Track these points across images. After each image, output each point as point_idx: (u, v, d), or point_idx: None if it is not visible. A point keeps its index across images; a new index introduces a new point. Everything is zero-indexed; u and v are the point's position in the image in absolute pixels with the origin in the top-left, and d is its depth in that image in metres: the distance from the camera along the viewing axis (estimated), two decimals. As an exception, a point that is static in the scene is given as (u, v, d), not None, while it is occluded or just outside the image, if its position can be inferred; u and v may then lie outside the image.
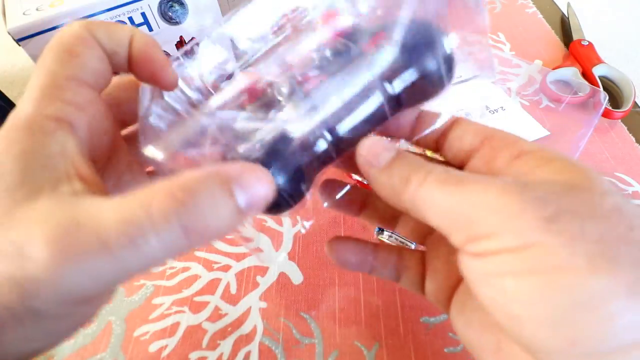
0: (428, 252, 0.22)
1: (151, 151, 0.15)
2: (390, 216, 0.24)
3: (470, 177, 0.15)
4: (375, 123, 0.18)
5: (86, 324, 0.17)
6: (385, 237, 0.33)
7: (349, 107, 0.17)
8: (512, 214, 0.13)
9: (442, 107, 0.20)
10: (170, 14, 0.36)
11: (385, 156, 0.17)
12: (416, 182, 0.16)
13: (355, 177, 0.35)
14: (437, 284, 0.21)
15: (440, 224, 0.15)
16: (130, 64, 0.17)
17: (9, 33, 0.31)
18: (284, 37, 0.20)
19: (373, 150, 0.17)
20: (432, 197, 0.15)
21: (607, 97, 0.42)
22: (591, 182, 0.14)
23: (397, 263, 0.22)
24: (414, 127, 0.20)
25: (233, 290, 0.32)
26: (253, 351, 0.29)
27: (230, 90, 0.17)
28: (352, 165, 0.18)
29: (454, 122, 0.19)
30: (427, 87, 0.18)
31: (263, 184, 0.14)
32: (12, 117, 0.14)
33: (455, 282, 0.20)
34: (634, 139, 0.41)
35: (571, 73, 0.46)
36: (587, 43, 0.49)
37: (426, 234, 0.23)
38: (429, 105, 0.20)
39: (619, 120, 0.42)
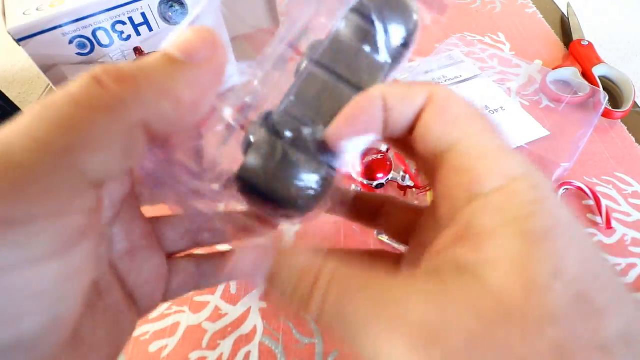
0: (405, 258, 0.20)
1: None
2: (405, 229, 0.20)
3: (373, 309, 0.12)
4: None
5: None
6: (385, 237, 0.33)
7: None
8: None
9: None
10: (170, 14, 0.36)
11: (260, 277, 0.14)
12: (312, 315, 0.13)
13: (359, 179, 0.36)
14: None
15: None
16: None
17: (9, 33, 0.31)
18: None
19: (245, 273, 0.15)
20: (337, 331, 0.13)
21: (607, 97, 0.42)
22: (531, 299, 0.11)
23: None
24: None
25: (233, 290, 0.32)
26: (253, 351, 0.29)
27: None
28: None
29: (428, 102, 0.14)
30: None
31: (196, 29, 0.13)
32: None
33: None
34: (634, 139, 0.41)
35: (571, 73, 0.46)
36: (587, 43, 0.49)
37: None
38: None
39: (619, 120, 0.42)
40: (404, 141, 0.15)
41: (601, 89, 0.43)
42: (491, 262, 0.11)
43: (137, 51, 0.37)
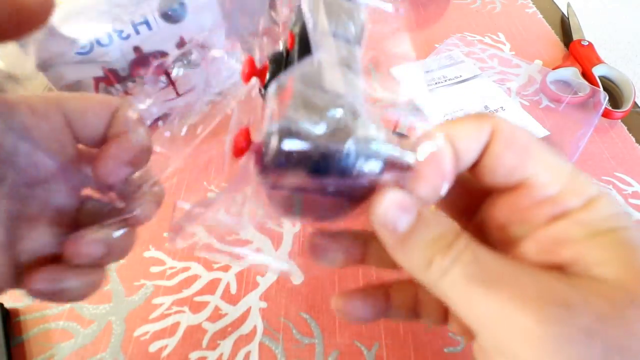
0: None
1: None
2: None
3: (505, 276, 0.13)
4: None
5: None
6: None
7: None
8: (553, 351, 0.11)
9: (442, 106, 0.19)
10: (170, 13, 0.36)
11: (404, 221, 0.14)
12: (439, 268, 0.13)
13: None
14: (461, 322, 0.18)
15: (466, 320, 0.13)
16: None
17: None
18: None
19: (390, 212, 0.14)
20: (456, 292, 0.13)
21: (607, 97, 0.42)
22: None
23: (413, 303, 0.20)
24: None
25: (233, 290, 0.32)
26: (253, 351, 0.29)
27: None
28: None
29: (494, 134, 0.15)
30: None
31: None
32: None
33: None
34: (634, 139, 0.41)
35: (571, 73, 0.46)
36: (587, 43, 0.49)
37: None
38: (427, 105, 0.19)
39: (619, 120, 0.43)
40: None
41: (601, 89, 0.43)
42: (600, 263, 0.13)
43: (137, 50, 0.36)
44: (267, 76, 0.20)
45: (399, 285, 0.20)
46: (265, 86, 0.20)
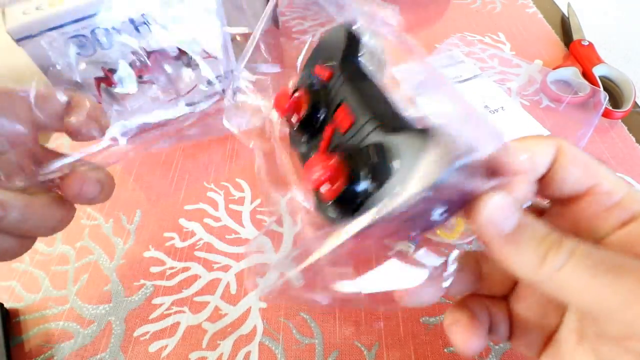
0: (514, 304, 0.20)
1: None
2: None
3: (624, 264, 0.14)
4: None
5: None
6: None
7: None
8: None
9: (442, 106, 0.18)
10: (170, 14, 0.36)
11: (510, 222, 0.15)
12: (555, 262, 0.14)
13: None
14: (529, 337, 0.19)
15: (587, 308, 0.14)
16: None
17: (8, 33, 0.31)
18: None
19: (496, 213, 0.14)
20: (578, 282, 0.14)
21: (607, 97, 0.42)
22: None
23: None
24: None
25: (233, 290, 0.32)
26: (253, 351, 0.29)
27: None
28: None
29: (559, 150, 0.16)
30: None
31: None
32: None
33: (550, 333, 0.19)
34: (634, 139, 0.41)
35: (571, 73, 0.46)
36: (587, 43, 0.49)
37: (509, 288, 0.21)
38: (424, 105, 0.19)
39: (619, 120, 0.42)
40: None
41: (601, 89, 0.43)
42: None
43: (134, 53, 0.36)
44: (306, 110, 0.20)
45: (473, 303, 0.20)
46: (302, 123, 0.20)
